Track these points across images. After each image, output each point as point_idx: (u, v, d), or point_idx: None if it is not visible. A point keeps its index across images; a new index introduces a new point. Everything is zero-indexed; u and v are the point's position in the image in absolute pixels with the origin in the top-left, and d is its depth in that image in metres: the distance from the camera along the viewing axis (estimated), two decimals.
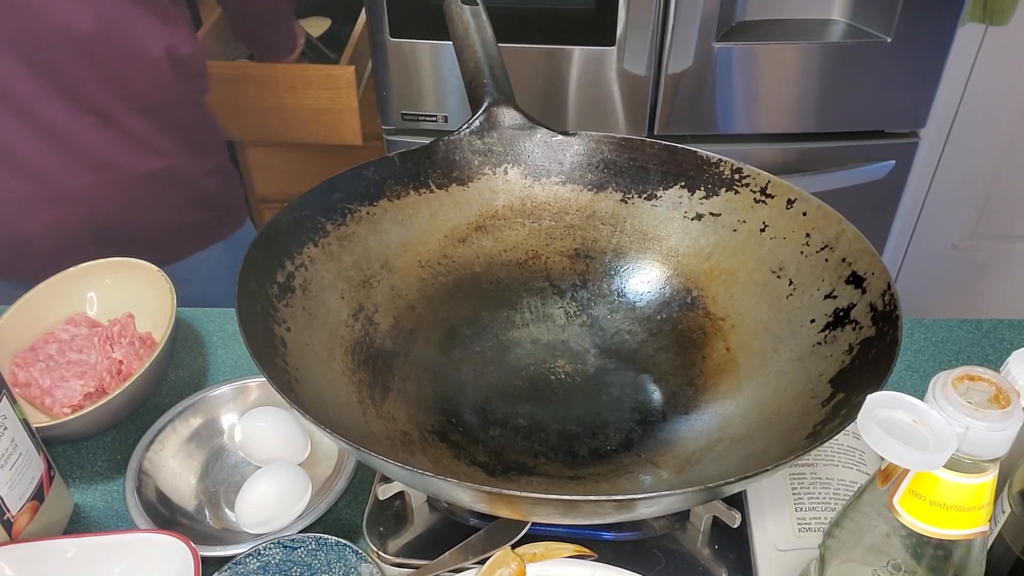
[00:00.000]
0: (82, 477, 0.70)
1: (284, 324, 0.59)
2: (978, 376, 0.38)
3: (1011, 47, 1.46)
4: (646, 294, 0.70)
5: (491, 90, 0.71)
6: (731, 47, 1.30)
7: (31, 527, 0.61)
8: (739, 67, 1.33)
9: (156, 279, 0.78)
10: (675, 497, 0.48)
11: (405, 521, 0.61)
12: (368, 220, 0.68)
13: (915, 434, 0.37)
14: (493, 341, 0.69)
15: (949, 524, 0.39)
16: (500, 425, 0.63)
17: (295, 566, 0.58)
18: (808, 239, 0.64)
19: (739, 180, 0.68)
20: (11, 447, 0.59)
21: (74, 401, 0.72)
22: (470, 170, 0.72)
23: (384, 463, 0.47)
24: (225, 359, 0.80)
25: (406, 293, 0.68)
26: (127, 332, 0.76)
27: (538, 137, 0.72)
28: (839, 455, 0.64)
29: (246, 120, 1.60)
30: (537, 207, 0.73)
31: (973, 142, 1.57)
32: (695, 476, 0.57)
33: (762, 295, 0.65)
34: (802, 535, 0.60)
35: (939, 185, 1.63)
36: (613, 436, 0.62)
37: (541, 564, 0.55)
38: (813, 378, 0.58)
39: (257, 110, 1.57)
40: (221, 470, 0.69)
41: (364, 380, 0.62)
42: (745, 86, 1.35)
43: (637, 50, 1.27)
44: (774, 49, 1.32)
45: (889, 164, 1.44)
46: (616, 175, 0.72)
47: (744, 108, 1.38)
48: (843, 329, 0.59)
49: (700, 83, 1.34)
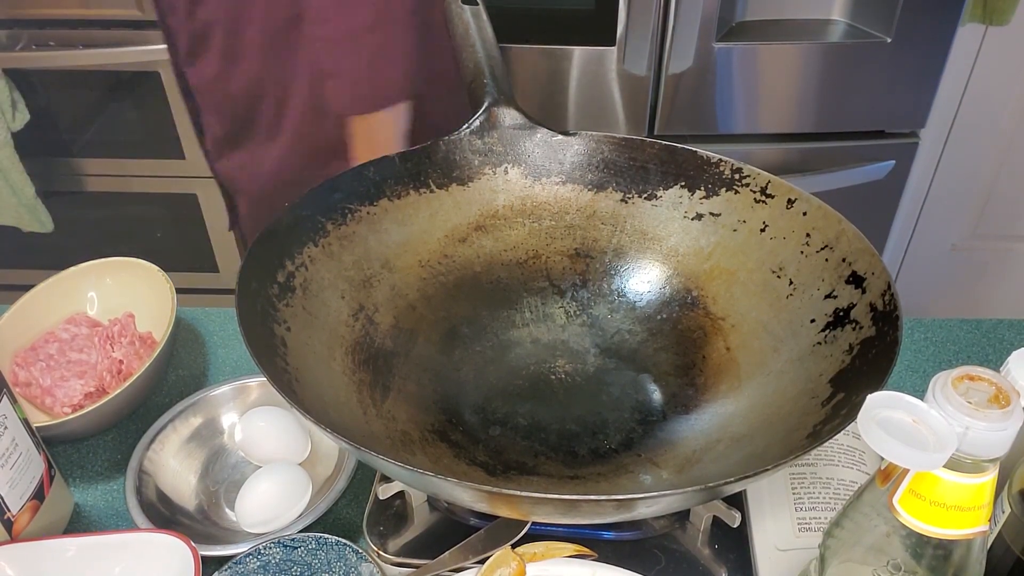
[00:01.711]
0: (82, 476, 0.70)
1: (284, 324, 0.59)
2: (978, 376, 0.38)
3: (1011, 47, 1.46)
4: (646, 294, 0.70)
5: (491, 90, 0.71)
6: (731, 47, 1.31)
7: (31, 526, 0.61)
8: (739, 67, 1.33)
9: (156, 279, 0.78)
10: (675, 497, 0.48)
11: (405, 521, 0.61)
12: (368, 220, 0.68)
13: (915, 434, 0.37)
14: (493, 341, 0.69)
15: (949, 524, 0.39)
16: (500, 425, 0.63)
17: (295, 566, 0.58)
18: (808, 239, 0.64)
19: (739, 180, 0.68)
20: (11, 446, 0.59)
21: (74, 401, 0.72)
22: (470, 170, 0.72)
23: (384, 463, 0.47)
24: (225, 359, 0.80)
25: (406, 293, 0.68)
26: (127, 332, 0.76)
27: (538, 137, 0.72)
28: (839, 455, 0.64)
29: None
30: (537, 207, 0.73)
31: (973, 142, 1.57)
32: (695, 476, 0.57)
33: (762, 295, 0.65)
34: (802, 535, 0.60)
35: (939, 185, 1.63)
36: (613, 436, 0.62)
37: (541, 564, 0.55)
38: (813, 378, 0.58)
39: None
40: (221, 470, 0.69)
41: (364, 380, 0.62)
42: (745, 86, 1.35)
43: (637, 50, 1.27)
44: (774, 49, 1.32)
45: (889, 164, 1.44)
46: (616, 175, 0.72)
47: (744, 108, 1.38)
48: (843, 329, 0.59)
49: (700, 83, 1.34)
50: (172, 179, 1.68)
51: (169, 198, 1.70)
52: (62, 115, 1.62)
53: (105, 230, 1.77)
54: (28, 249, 1.75)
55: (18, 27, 1.49)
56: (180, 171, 1.66)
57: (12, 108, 1.51)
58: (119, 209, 1.74)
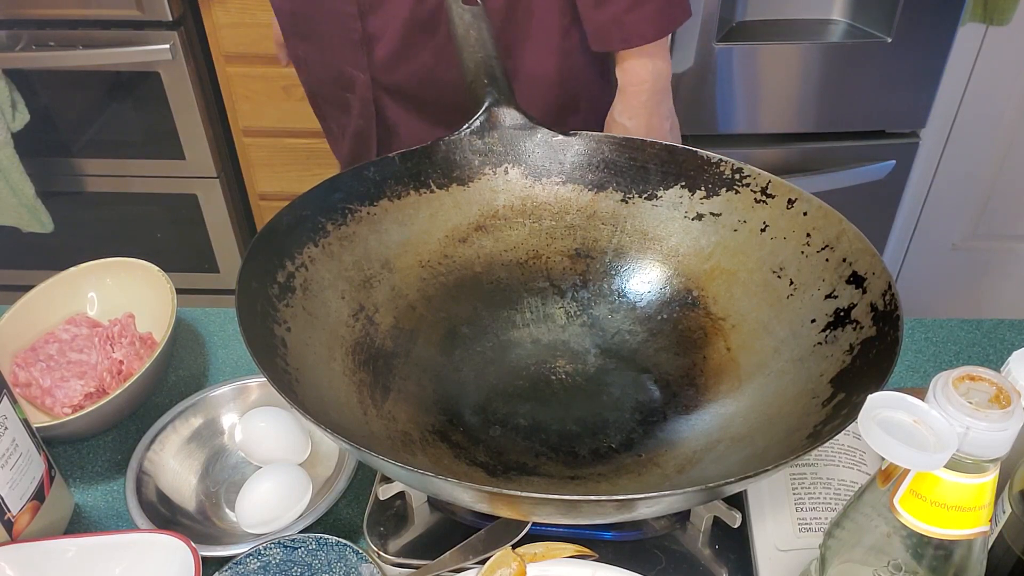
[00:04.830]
0: (83, 477, 0.70)
1: (284, 324, 0.59)
2: (979, 376, 0.38)
3: (1011, 47, 1.46)
4: (647, 294, 0.70)
5: (491, 90, 0.71)
6: (731, 47, 1.31)
7: (32, 527, 0.61)
8: (739, 67, 1.33)
9: (157, 279, 0.78)
10: (675, 497, 0.48)
11: (406, 521, 0.61)
12: (369, 220, 0.68)
13: (916, 434, 0.37)
14: (494, 341, 0.69)
15: (950, 524, 0.39)
16: (501, 425, 0.63)
17: (295, 566, 0.58)
18: (809, 239, 0.64)
19: (739, 180, 0.68)
20: (12, 447, 0.59)
21: (75, 401, 0.72)
22: (471, 170, 0.72)
23: (385, 463, 0.47)
24: (225, 359, 0.80)
25: (407, 293, 0.68)
26: (127, 332, 0.76)
27: (539, 137, 0.72)
28: (840, 455, 0.64)
29: (246, 111, 1.60)
30: (538, 207, 0.73)
31: (973, 142, 1.57)
32: (695, 476, 0.57)
33: (763, 295, 0.65)
34: (802, 535, 0.59)
35: (939, 185, 1.63)
36: (614, 436, 0.62)
37: (542, 564, 0.55)
38: (814, 378, 0.58)
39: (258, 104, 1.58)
40: (221, 470, 0.69)
41: (364, 380, 0.62)
42: (745, 86, 1.35)
43: None
44: (774, 49, 1.32)
45: (889, 164, 1.44)
46: (617, 175, 0.72)
47: (744, 108, 1.38)
48: (844, 329, 0.59)
49: (700, 83, 1.34)
50: (172, 179, 1.68)
51: (169, 198, 1.71)
52: (62, 115, 1.62)
53: (105, 230, 1.77)
54: (28, 249, 1.75)
55: (18, 27, 1.49)
56: (180, 171, 1.66)
57: (12, 108, 1.51)
58: (119, 209, 1.74)
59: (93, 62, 1.50)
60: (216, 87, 1.59)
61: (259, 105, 1.58)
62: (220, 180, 1.67)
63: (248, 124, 1.61)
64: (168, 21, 1.47)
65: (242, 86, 1.56)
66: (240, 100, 1.58)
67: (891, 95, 1.38)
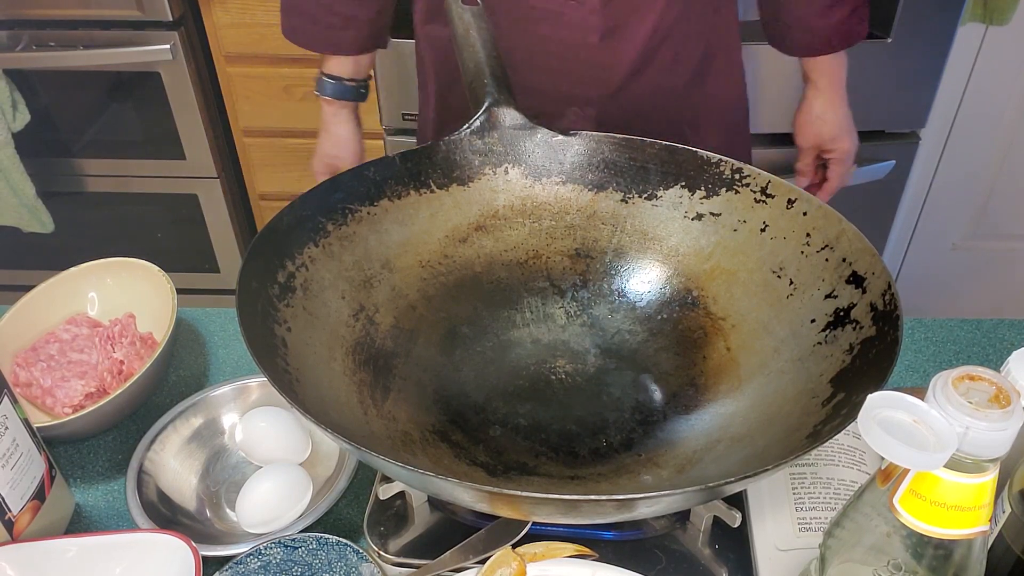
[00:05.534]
0: (83, 477, 0.70)
1: (285, 324, 0.59)
2: (978, 376, 0.38)
3: (1011, 47, 1.46)
4: (647, 294, 0.70)
5: (491, 90, 0.71)
6: None
7: (32, 527, 0.61)
8: None
9: (157, 279, 0.78)
10: (675, 497, 0.48)
11: (406, 521, 0.61)
12: (369, 220, 0.68)
13: (915, 434, 0.37)
14: (494, 341, 0.69)
15: (949, 524, 0.39)
16: (501, 425, 0.63)
17: (296, 566, 0.58)
18: (808, 239, 0.64)
19: (739, 180, 0.68)
20: (12, 447, 0.59)
21: (75, 401, 0.72)
22: (471, 170, 0.72)
23: (385, 463, 0.47)
24: (226, 359, 0.80)
25: (407, 293, 0.68)
26: (128, 332, 0.76)
27: (538, 137, 0.72)
28: (839, 455, 0.64)
29: (246, 111, 1.60)
30: (538, 207, 0.73)
31: (973, 142, 1.57)
32: (695, 476, 0.57)
33: (762, 295, 0.65)
34: (802, 535, 0.60)
35: (939, 185, 1.63)
36: (614, 436, 0.62)
37: (542, 564, 0.55)
38: (813, 378, 0.58)
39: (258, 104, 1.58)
40: (222, 470, 0.69)
41: (365, 380, 0.62)
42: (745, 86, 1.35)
43: None
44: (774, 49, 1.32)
45: (889, 164, 1.44)
46: (616, 175, 0.72)
47: None
48: (843, 329, 0.59)
49: None
50: (172, 179, 1.68)
51: (169, 198, 1.71)
52: (63, 115, 1.62)
53: (106, 230, 1.77)
54: (29, 249, 1.75)
55: (18, 27, 1.49)
56: (180, 171, 1.66)
57: (13, 108, 1.51)
58: (120, 209, 1.74)
59: (93, 62, 1.50)
60: (216, 87, 1.59)
61: (259, 105, 1.58)
62: (220, 180, 1.67)
63: (248, 124, 1.61)
64: (168, 21, 1.47)
65: (242, 86, 1.56)
66: (240, 100, 1.58)
67: (891, 95, 1.37)
